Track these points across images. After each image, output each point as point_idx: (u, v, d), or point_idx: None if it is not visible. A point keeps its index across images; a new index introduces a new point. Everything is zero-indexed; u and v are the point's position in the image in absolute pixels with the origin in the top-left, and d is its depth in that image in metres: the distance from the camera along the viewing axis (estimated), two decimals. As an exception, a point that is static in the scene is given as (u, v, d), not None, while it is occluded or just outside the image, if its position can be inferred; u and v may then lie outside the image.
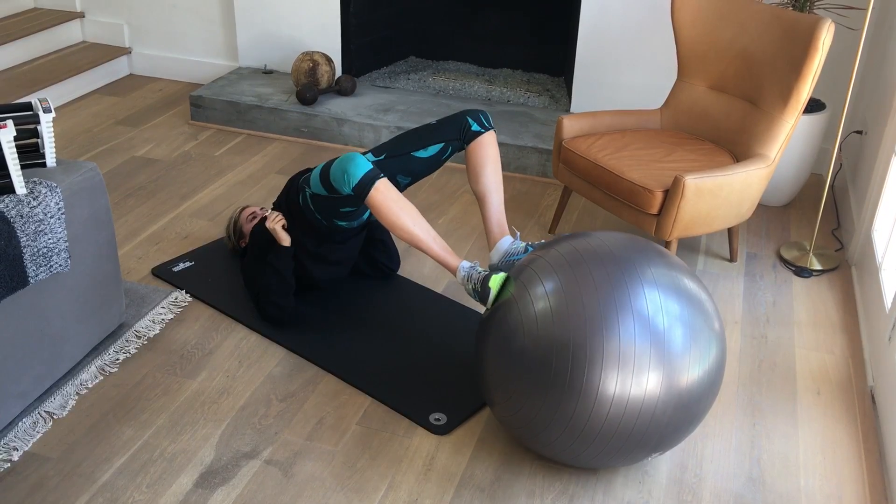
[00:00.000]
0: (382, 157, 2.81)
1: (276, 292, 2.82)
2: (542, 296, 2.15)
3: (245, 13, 4.68)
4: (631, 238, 2.27)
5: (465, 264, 2.49)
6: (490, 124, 2.78)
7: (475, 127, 2.75)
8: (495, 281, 2.33)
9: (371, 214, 2.84)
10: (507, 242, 2.62)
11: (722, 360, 2.21)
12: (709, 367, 2.15)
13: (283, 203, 2.92)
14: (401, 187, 2.86)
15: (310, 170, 2.99)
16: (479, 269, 2.45)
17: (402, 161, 2.81)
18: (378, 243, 3.12)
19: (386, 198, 2.54)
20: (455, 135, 2.77)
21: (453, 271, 2.52)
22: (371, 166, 2.57)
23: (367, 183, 2.54)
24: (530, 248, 2.53)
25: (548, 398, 2.10)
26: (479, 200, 2.72)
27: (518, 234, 2.67)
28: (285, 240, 2.87)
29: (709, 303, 2.21)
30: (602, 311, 2.07)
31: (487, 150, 2.73)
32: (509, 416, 2.23)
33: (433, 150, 2.79)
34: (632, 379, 2.05)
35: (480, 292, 2.37)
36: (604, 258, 2.16)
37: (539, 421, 2.15)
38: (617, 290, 2.09)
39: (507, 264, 2.57)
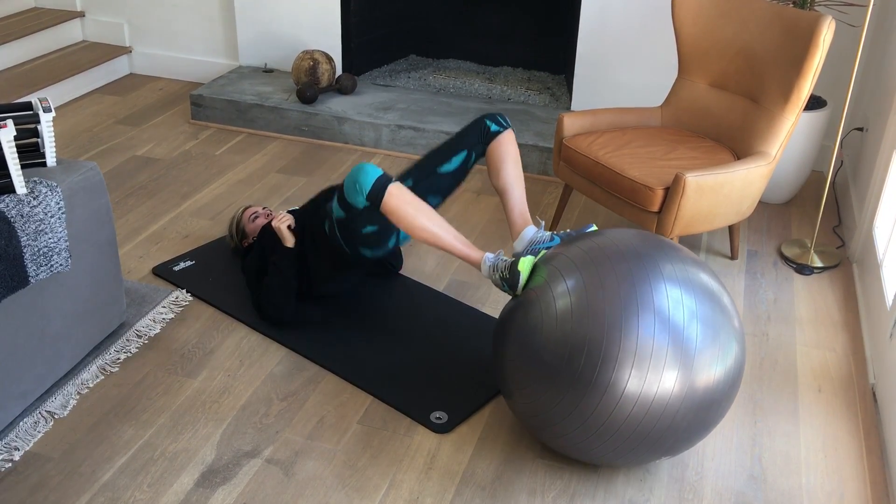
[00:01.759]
0: (409, 183, 2.82)
1: (278, 293, 2.82)
2: (563, 293, 2.14)
3: (245, 12, 4.68)
4: (648, 235, 2.26)
5: (490, 256, 2.48)
6: (508, 123, 2.81)
7: (494, 128, 2.79)
8: (524, 264, 2.29)
9: (396, 242, 2.81)
10: (531, 231, 2.61)
11: (742, 358, 2.19)
12: (730, 364, 2.13)
13: (307, 227, 2.90)
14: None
15: (333, 190, 2.98)
16: (504, 258, 2.42)
17: (430, 181, 2.84)
18: None
19: (401, 201, 2.53)
20: (476, 139, 2.80)
21: (477, 265, 2.50)
22: (381, 172, 2.57)
23: (379, 188, 2.54)
24: (557, 239, 2.50)
25: (570, 395, 2.10)
26: (501, 195, 2.73)
27: (543, 223, 2.65)
28: (290, 240, 2.87)
29: (728, 299, 2.21)
30: (624, 309, 2.06)
31: (507, 147, 2.76)
32: (526, 407, 2.23)
33: (457, 161, 2.82)
34: (654, 377, 2.04)
35: (509, 279, 2.33)
36: (623, 255, 2.15)
37: (558, 415, 2.14)
38: (641, 287, 2.08)
39: (533, 252, 2.54)
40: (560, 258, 2.24)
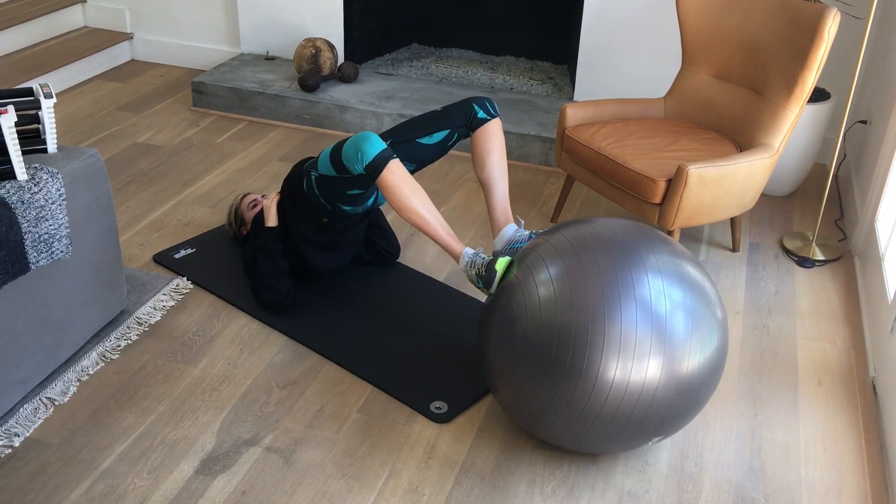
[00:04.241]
0: (388, 143, 2.81)
1: (269, 275, 2.82)
2: (545, 281, 2.15)
3: (247, -1, 4.66)
4: (634, 225, 2.26)
5: (469, 251, 2.49)
6: (496, 111, 2.77)
7: (481, 114, 2.75)
8: (501, 264, 2.32)
9: (375, 201, 2.83)
10: (511, 230, 2.62)
11: (724, 347, 2.21)
12: (710, 354, 2.15)
13: (286, 189, 2.91)
14: None
15: (312, 158, 2.99)
16: (483, 255, 2.45)
17: (408, 147, 2.81)
18: (375, 227, 3.11)
19: (398, 178, 2.54)
20: (461, 121, 2.77)
21: (456, 257, 2.52)
22: (385, 146, 2.57)
23: (380, 162, 2.54)
24: (534, 236, 2.52)
25: (548, 382, 2.11)
26: (484, 188, 2.72)
27: (522, 222, 2.67)
28: (272, 220, 2.87)
29: (711, 290, 2.21)
30: (604, 297, 2.07)
31: (493, 137, 2.73)
32: (510, 399, 2.24)
33: (438, 137, 2.79)
34: (632, 364, 2.05)
35: (485, 277, 2.36)
36: (607, 244, 2.16)
37: (539, 404, 2.16)
38: (620, 276, 2.09)
39: (511, 251, 2.57)
40: (543, 246, 2.25)
